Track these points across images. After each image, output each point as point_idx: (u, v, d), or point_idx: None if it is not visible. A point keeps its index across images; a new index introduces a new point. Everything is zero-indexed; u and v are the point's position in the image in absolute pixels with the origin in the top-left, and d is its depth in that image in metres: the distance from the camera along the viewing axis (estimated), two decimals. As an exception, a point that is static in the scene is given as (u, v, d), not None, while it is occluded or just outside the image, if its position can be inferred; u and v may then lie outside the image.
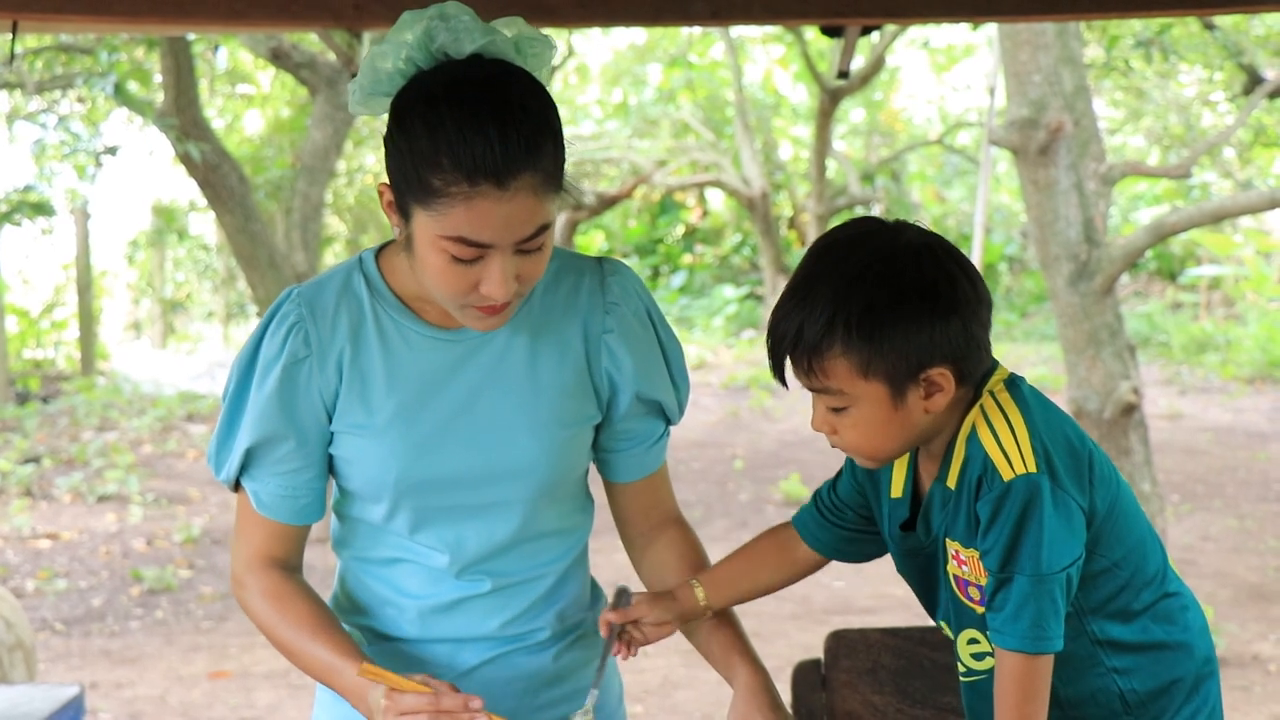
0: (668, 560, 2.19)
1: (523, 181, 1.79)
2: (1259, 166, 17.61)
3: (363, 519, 2.07)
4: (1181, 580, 2.01)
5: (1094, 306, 6.68)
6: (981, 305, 1.88)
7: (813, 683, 2.35)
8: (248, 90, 15.69)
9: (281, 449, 1.99)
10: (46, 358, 17.71)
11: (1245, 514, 9.43)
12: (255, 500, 2.03)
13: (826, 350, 1.83)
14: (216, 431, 2.03)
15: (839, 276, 1.85)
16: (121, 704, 6.04)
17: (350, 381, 1.98)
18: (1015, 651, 1.81)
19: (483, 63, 1.84)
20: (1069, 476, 1.81)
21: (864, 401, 1.85)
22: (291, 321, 1.97)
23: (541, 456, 2.03)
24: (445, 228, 1.80)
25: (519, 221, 1.81)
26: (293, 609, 2.01)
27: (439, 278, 1.85)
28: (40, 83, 9.52)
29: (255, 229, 8.77)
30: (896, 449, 1.91)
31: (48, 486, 10.47)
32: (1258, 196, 7.22)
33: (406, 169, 1.81)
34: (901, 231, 1.89)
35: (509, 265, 1.84)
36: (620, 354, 2.07)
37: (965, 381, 1.88)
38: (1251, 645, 6.61)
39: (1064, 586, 1.80)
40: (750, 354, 16.86)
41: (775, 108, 22.02)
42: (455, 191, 1.78)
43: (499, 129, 1.77)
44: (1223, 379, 15.18)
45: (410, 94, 1.84)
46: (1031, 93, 6.64)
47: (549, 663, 2.13)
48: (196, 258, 20.69)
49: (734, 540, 8.75)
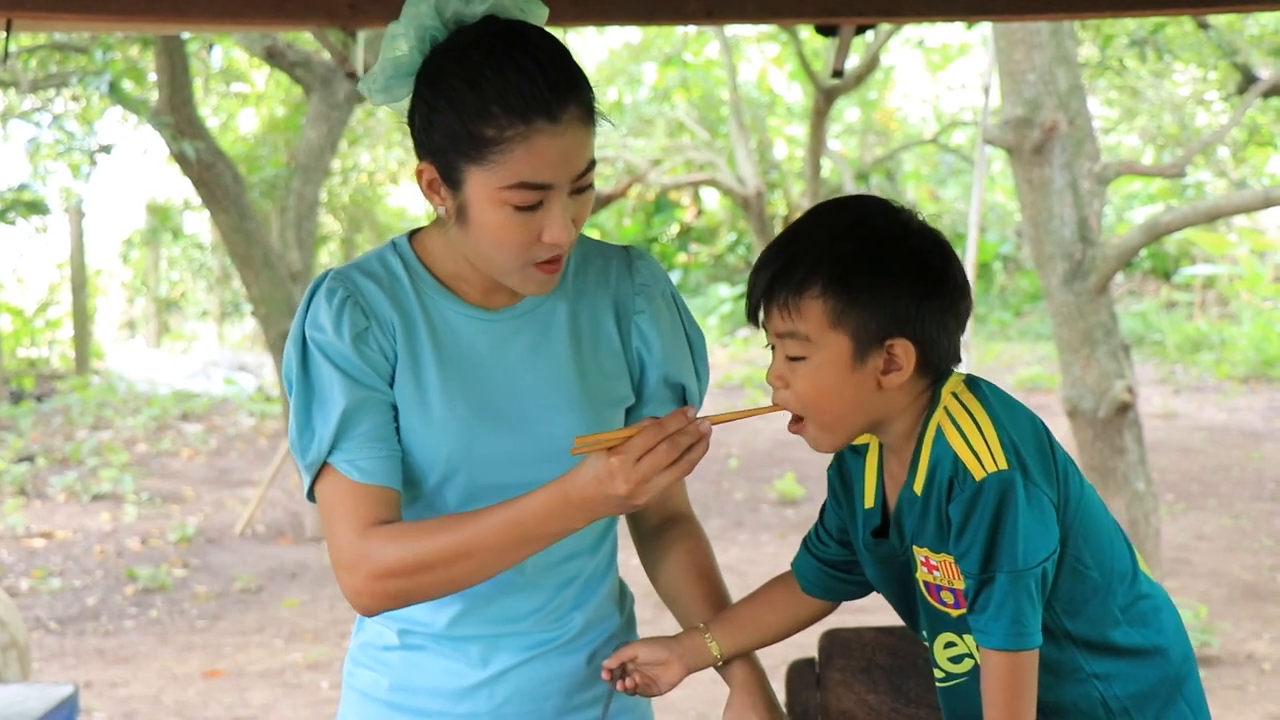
0: (674, 557, 2.18)
1: (571, 113, 1.82)
2: (1253, 165, 17.63)
3: (410, 495, 2.02)
4: (1153, 581, 2.01)
5: (1088, 305, 6.69)
6: (963, 300, 1.89)
7: (807, 681, 2.35)
8: (242, 89, 15.67)
9: (374, 410, 1.95)
10: (41, 356, 17.71)
11: (1239, 513, 9.44)
12: (355, 470, 1.92)
13: (806, 290, 1.84)
14: (294, 419, 1.96)
15: (835, 227, 1.89)
16: (116, 703, 6.04)
17: (404, 354, 1.97)
18: (999, 650, 1.81)
19: (497, 19, 1.87)
20: (1039, 471, 1.81)
21: (825, 352, 1.85)
22: (342, 296, 1.96)
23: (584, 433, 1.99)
24: (506, 176, 1.81)
25: (574, 155, 1.84)
26: (435, 523, 1.91)
27: (501, 236, 1.86)
28: (35, 81, 9.50)
29: (250, 228, 8.77)
30: (843, 418, 1.90)
31: (42, 485, 10.46)
32: (1252, 195, 7.23)
33: (454, 130, 1.82)
34: (903, 211, 1.92)
35: (568, 207, 1.87)
36: (650, 335, 2.09)
37: (925, 369, 1.88)
38: (1245, 644, 6.61)
39: (1040, 581, 1.80)
40: (745, 353, 16.87)
41: (770, 107, 22.03)
42: (511, 134, 1.80)
43: (538, 66, 1.80)
44: (1217, 378, 15.21)
45: (437, 63, 1.86)
46: (1026, 92, 6.64)
47: (582, 664, 2.11)
48: (191, 256, 20.66)
49: (729, 539, 8.76)
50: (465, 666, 2.06)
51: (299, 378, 1.96)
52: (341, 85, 9.34)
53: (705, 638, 2.07)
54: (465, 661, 2.06)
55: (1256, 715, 5.70)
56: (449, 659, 2.06)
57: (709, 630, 2.07)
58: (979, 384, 1.90)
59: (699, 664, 2.07)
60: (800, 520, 9.46)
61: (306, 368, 1.96)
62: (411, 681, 2.07)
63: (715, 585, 2.17)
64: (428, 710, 2.07)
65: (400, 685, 2.08)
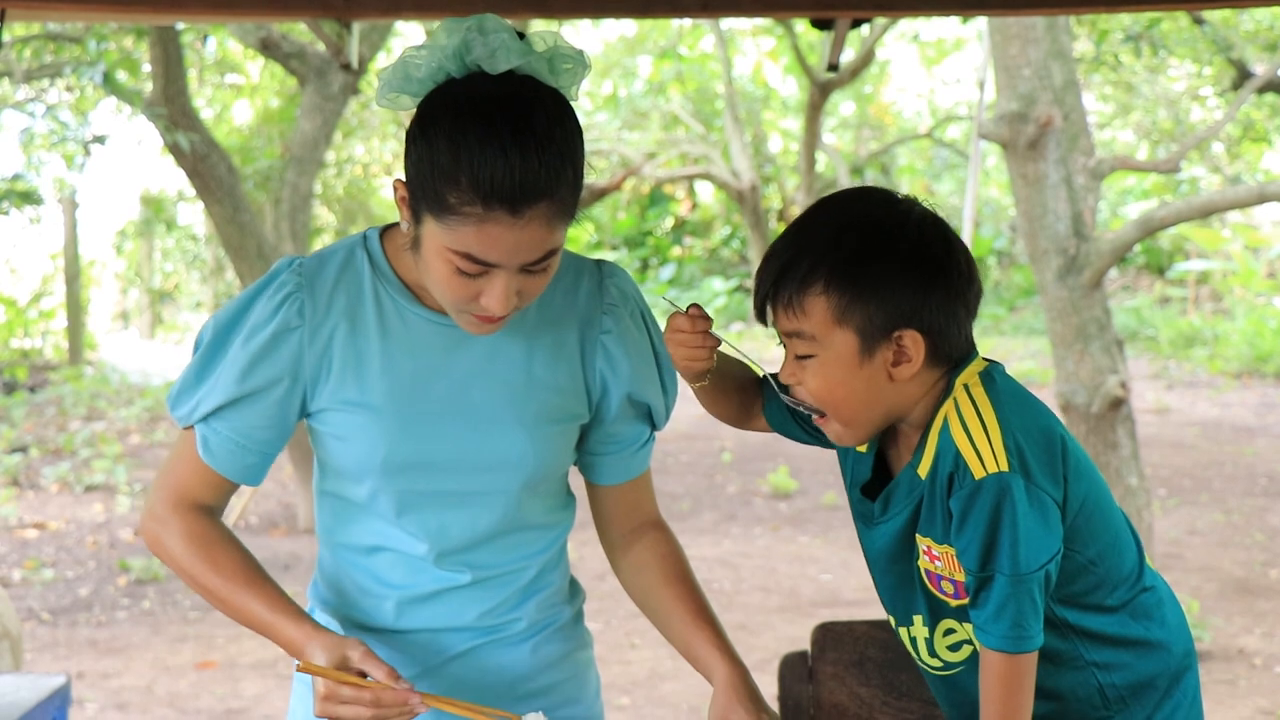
0: (648, 562, 2.18)
1: (537, 210, 1.79)
2: (1247, 161, 17.64)
3: (345, 499, 2.05)
4: (1158, 575, 2.01)
5: (1082, 300, 6.69)
6: (970, 287, 1.89)
7: (799, 675, 2.35)
8: (237, 80, 15.66)
9: (250, 409, 1.98)
10: (34, 347, 17.70)
11: (1232, 508, 9.46)
12: (203, 446, 2.00)
13: (810, 287, 1.83)
14: (183, 376, 2.01)
15: (837, 222, 1.88)
16: (108, 694, 6.04)
17: (345, 358, 1.97)
18: (998, 651, 1.81)
19: (514, 80, 1.83)
20: (1043, 472, 1.80)
21: (832, 349, 1.85)
22: (289, 290, 1.97)
23: (529, 449, 2.03)
24: (454, 242, 1.81)
25: (528, 247, 1.82)
26: (223, 555, 2.01)
27: (441, 284, 1.86)
28: (28, 71, 9.49)
29: (244, 219, 8.76)
30: (860, 413, 1.89)
31: (35, 476, 10.46)
32: (1246, 191, 7.23)
33: (425, 177, 1.81)
34: (905, 200, 1.91)
35: (512, 282, 1.85)
36: (617, 355, 2.08)
37: (937, 359, 1.87)
38: (1237, 639, 6.63)
39: (1042, 584, 1.80)
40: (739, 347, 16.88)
41: (765, 100, 22.05)
42: (468, 212, 1.78)
43: (520, 155, 1.77)
44: (1210, 373, 15.23)
45: (437, 102, 1.83)
46: (1021, 87, 6.64)
47: (527, 655, 2.12)
48: (185, 248, 20.68)
49: (722, 533, 8.76)
50: (409, 658, 2.07)
51: (211, 344, 1.99)
52: (336, 77, 9.32)
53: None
54: (409, 653, 2.08)
55: (1247, 710, 5.71)
56: (393, 650, 2.08)
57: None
58: (994, 377, 1.89)
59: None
60: (793, 513, 9.47)
61: (224, 340, 1.98)
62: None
63: (690, 587, 2.16)
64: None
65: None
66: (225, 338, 1.98)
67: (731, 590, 7.38)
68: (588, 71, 1.91)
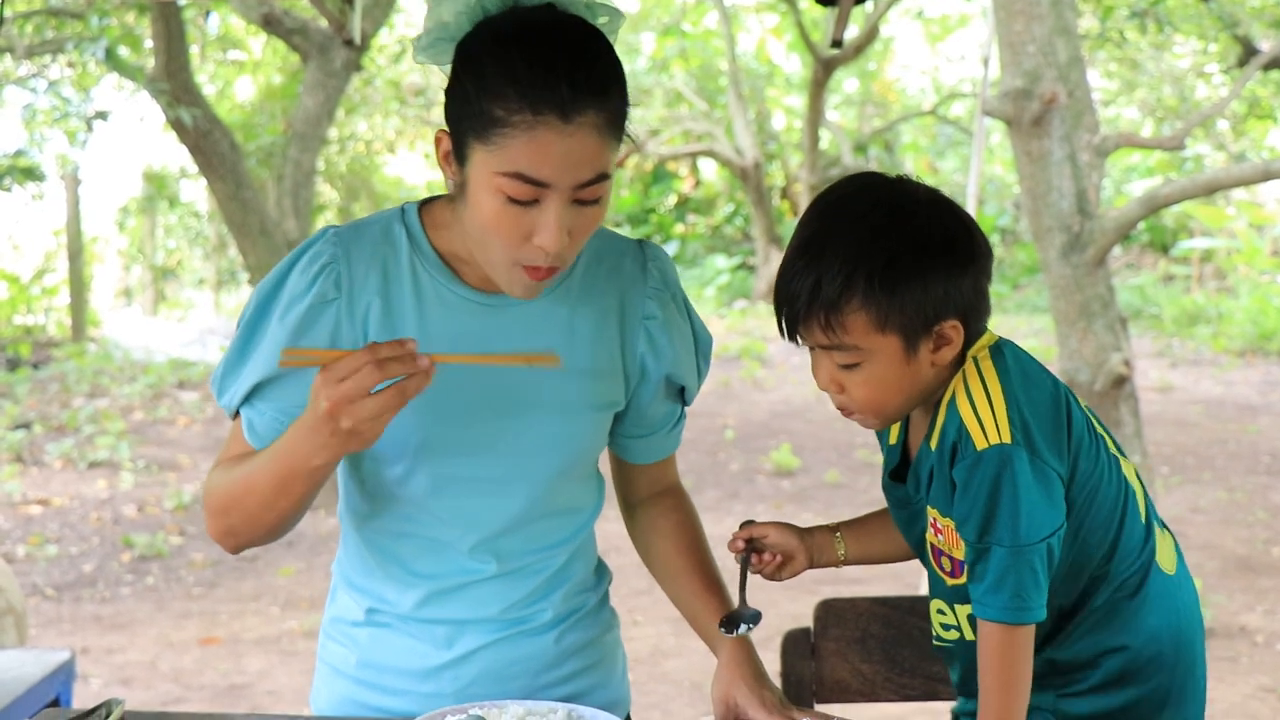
0: (662, 528, 2.18)
1: (586, 118, 1.75)
2: (1252, 139, 17.61)
3: (378, 480, 2.00)
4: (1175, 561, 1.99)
5: (1086, 278, 6.68)
6: (988, 259, 1.89)
7: (802, 651, 2.35)
8: (239, 56, 15.64)
9: (291, 385, 1.92)
10: (37, 324, 17.70)
11: (1234, 486, 9.46)
12: (248, 428, 1.95)
13: (845, 305, 1.82)
14: (226, 357, 1.96)
15: (855, 231, 1.84)
16: (112, 669, 6.06)
17: (380, 335, 1.92)
18: (996, 623, 1.81)
19: (555, 11, 1.82)
20: (1048, 446, 1.80)
21: (877, 355, 1.84)
22: (325, 261, 1.92)
23: (566, 435, 2.00)
24: (504, 162, 1.75)
25: (579, 160, 1.76)
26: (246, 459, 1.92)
27: (491, 225, 1.79)
28: (30, 47, 9.47)
29: (247, 196, 8.75)
30: (902, 405, 1.90)
31: (38, 452, 10.47)
32: (1251, 169, 7.21)
33: (470, 102, 1.77)
34: (905, 185, 1.89)
35: (564, 214, 1.78)
36: (661, 342, 2.06)
37: (971, 335, 1.88)
38: (1239, 616, 6.63)
39: (1044, 557, 1.79)
40: (742, 324, 16.86)
41: (769, 77, 21.99)
42: (517, 120, 1.73)
43: (567, 64, 1.74)
44: (1214, 351, 15.21)
45: (479, 35, 1.81)
46: (1025, 63, 6.63)
47: (551, 645, 2.09)
48: (187, 224, 20.66)
49: (724, 510, 8.77)
50: (431, 648, 2.04)
51: (250, 322, 1.94)
52: (339, 53, 9.30)
53: (835, 537, 2.09)
54: (431, 643, 2.04)
55: (1249, 687, 5.72)
56: (415, 639, 2.05)
57: (840, 531, 2.09)
58: (1004, 351, 1.89)
59: (824, 561, 2.09)
60: (796, 491, 9.48)
61: (262, 317, 1.94)
62: (378, 659, 2.07)
63: (702, 557, 2.17)
64: (394, 688, 2.06)
65: (367, 662, 2.08)
66: (263, 313, 1.93)
67: (734, 567, 7.39)
68: (620, 25, 1.88)
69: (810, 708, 2.26)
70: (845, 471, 9.93)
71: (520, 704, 1.94)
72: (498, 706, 1.93)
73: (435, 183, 22.68)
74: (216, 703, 5.65)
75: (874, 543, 2.12)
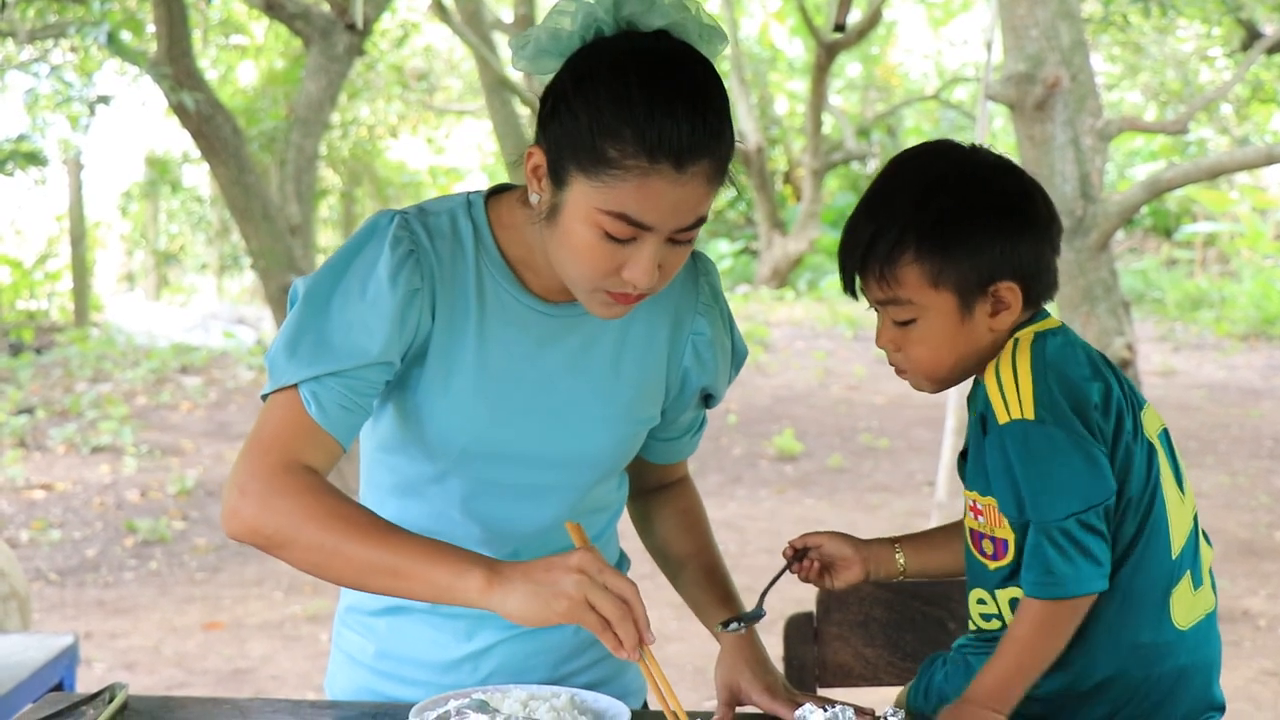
0: (666, 515, 2.19)
1: (700, 168, 1.72)
2: (1256, 122, 17.57)
3: (409, 476, 1.97)
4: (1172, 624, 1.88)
5: (1089, 263, 6.68)
6: (1053, 227, 1.88)
7: (804, 635, 2.35)
8: (241, 41, 15.60)
9: (367, 366, 1.83)
10: (40, 309, 17.70)
11: (1237, 470, 9.46)
12: (314, 403, 1.81)
13: (899, 257, 1.83)
14: (291, 330, 1.83)
15: (914, 186, 1.87)
16: (116, 654, 6.07)
17: (442, 332, 1.89)
18: (1031, 597, 1.80)
19: (669, 40, 1.77)
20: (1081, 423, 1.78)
21: (932, 312, 1.85)
22: (408, 248, 1.85)
23: (609, 447, 2.00)
24: (609, 201, 1.71)
25: (686, 208, 1.74)
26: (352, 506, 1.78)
27: (582, 254, 1.76)
28: (32, 31, 9.45)
29: (249, 181, 8.74)
30: (956, 367, 1.89)
31: (41, 437, 10.47)
32: (1254, 152, 7.20)
33: (580, 134, 1.71)
34: (978, 151, 1.91)
35: (659, 253, 1.76)
36: (707, 358, 2.05)
37: (1031, 302, 1.87)
38: (1242, 600, 6.64)
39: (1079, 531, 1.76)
40: (745, 309, 16.84)
41: (771, 62, 21.95)
42: (632, 165, 1.69)
43: (688, 111, 1.70)
44: (1217, 336, 15.20)
45: (593, 59, 1.75)
46: (1029, 47, 6.61)
47: (570, 636, 2.08)
48: (190, 209, 20.64)
49: (727, 495, 8.77)
50: (451, 639, 2.03)
51: (323, 297, 1.84)
52: (341, 38, 9.28)
53: (895, 549, 2.06)
54: (451, 635, 2.03)
55: (1252, 671, 5.72)
56: (435, 630, 2.04)
57: (899, 544, 2.07)
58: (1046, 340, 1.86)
59: (881, 573, 2.06)
60: (799, 475, 9.48)
61: (335, 293, 1.84)
62: (397, 650, 2.06)
63: (706, 544, 2.17)
64: (413, 679, 2.05)
65: (386, 653, 2.07)
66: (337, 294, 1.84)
67: (737, 552, 7.39)
68: (725, 48, 1.84)
69: (812, 691, 2.26)
70: (848, 456, 9.93)
71: (524, 688, 1.94)
72: (500, 691, 1.92)
73: (438, 167, 22.66)
74: (220, 687, 5.66)
75: (935, 556, 2.08)
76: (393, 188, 20.74)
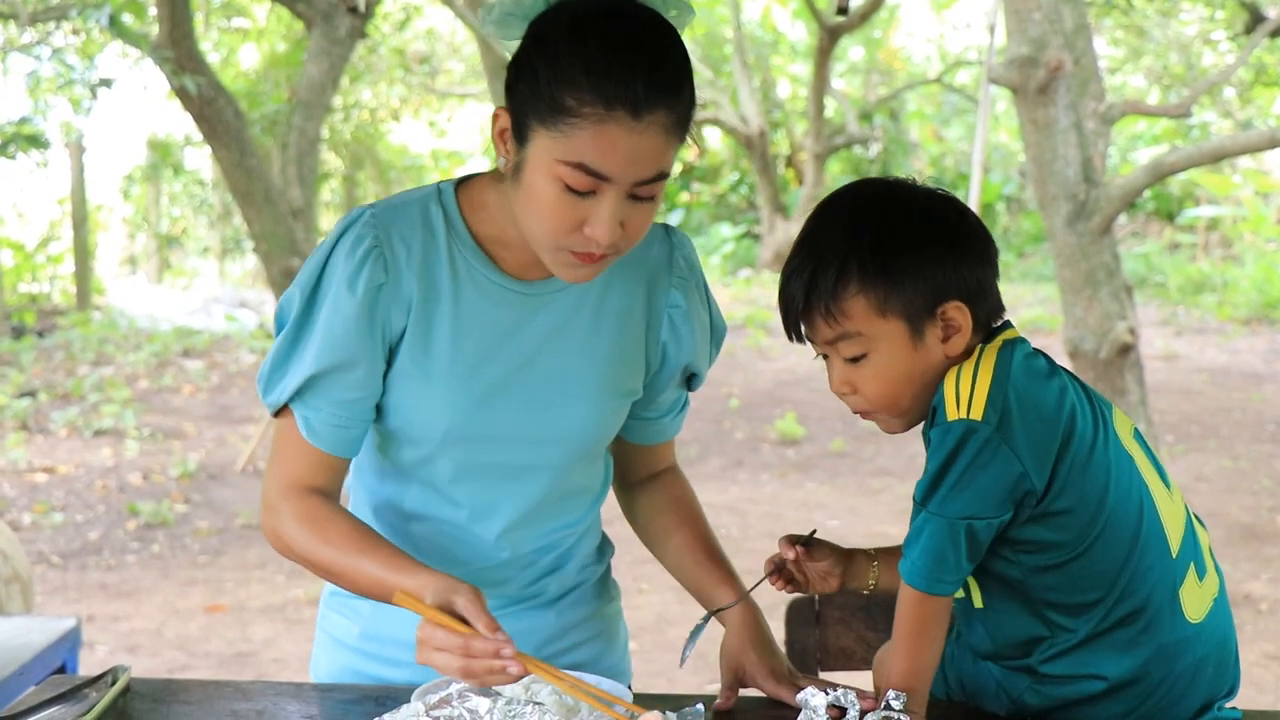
0: (660, 506, 2.19)
1: (657, 117, 1.74)
2: (1259, 106, 17.55)
3: (397, 460, 2.00)
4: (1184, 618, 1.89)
5: (1091, 246, 6.67)
6: (989, 248, 1.88)
7: (806, 619, 2.35)
8: (243, 24, 15.58)
9: (348, 376, 1.90)
10: (42, 292, 17.71)
11: (1239, 454, 9.46)
12: (305, 427, 1.92)
13: (843, 290, 1.82)
14: (274, 354, 1.92)
15: (846, 220, 1.86)
16: (118, 637, 6.08)
17: (416, 320, 1.91)
18: (911, 587, 1.81)
19: (632, 3, 1.79)
20: (1026, 441, 1.77)
21: (883, 343, 1.83)
22: (370, 245, 1.89)
23: (590, 422, 2.01)
24: (568, 151, 1.73)
25: (644, 158, 1.75)
26: (333, 529, 1.90)
27: (545, 209, 1.78)
28: (34, 14, 9.45)
29: (251, 164, 8.74)
30: (918, 398, 1.87)
31: (44, 420, 10.48)
32: (1257, 136, 7.19)
33: (539, 86, 1.74)
34: (900, 183, 1.90)
35: (619, 208, 1.77)
36: (683, 332, 2.06)
37: (980, 324, 1.86)
38: (1244, 585, 6.64)
39: (970, 536, 1.77)
40: (747, 293, 16.84)
41: (774, 45, 21.92)
42: (588, 113, 1.72)
43: (645, 61, 1.73)
44: (1219, 320, 15.19)
45: (555, 17, 1.78)
46: (1031, 31, 6.60)
47: (552, 619, 2.10)
48: (192, 193, 20.61)
49: (729, 479, 8.77)
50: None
51: (300, 315, 1.91)
52: (343, 20, 9.28)
53: (872, 566, 2.06)
54: None
55: (1254, 655, 5.73)
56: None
57: (877, 560, 2.07)
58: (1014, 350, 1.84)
59: (856, 586, 2.07)
60: (800, 460, 9.49)
61: (307, 310, 1.91)
62: (381, 631, 2.07)
63: (702, 529, 2.17)
64: (396, 660, 2.06)
65: (370, 634, 2.08)
66: (310, 304, 1.90)
67: (739, 536, 7.40)
68: (692, 19, 1.86)
69: (815, 675, 2.26)
70: (850, 440, 9.94)
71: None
72: None
73: (440, 150, 22.64)
74: (222, 670, 5.67)
75: None
76: (394, 171, 20.72)
